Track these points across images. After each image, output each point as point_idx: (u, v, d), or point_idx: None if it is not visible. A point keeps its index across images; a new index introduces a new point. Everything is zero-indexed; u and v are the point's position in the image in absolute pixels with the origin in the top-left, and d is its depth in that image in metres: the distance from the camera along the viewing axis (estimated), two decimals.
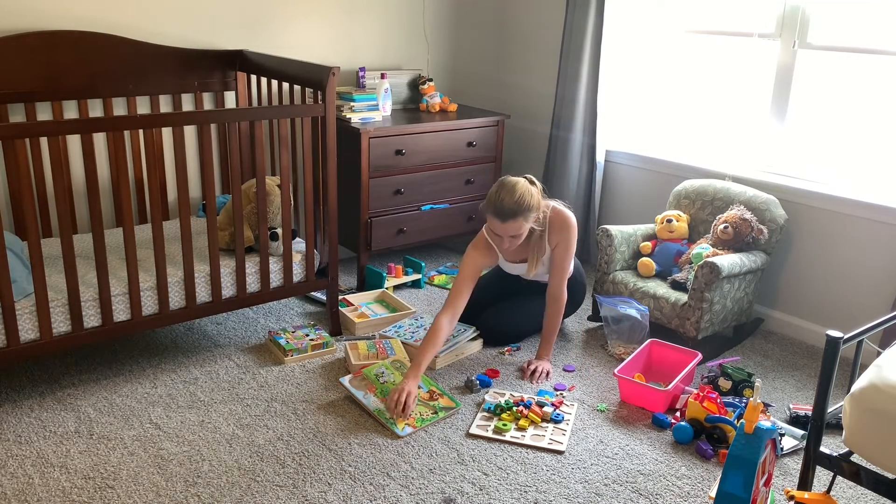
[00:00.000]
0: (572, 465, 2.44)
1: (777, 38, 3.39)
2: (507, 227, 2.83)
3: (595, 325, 3.47)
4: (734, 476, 1.86)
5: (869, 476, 1.93)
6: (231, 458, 2.40)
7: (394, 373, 2.81)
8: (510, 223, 2.82)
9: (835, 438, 2.58)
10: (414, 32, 4.19)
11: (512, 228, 2.84)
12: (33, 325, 2.53)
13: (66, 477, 2.28)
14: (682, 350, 2.95)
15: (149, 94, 3.29)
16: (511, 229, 2.84)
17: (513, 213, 2.80)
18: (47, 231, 3.14)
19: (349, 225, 3.71)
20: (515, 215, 2.81)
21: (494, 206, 2.82)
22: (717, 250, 3.18)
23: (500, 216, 2.82)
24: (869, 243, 3.14)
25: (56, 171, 2.45)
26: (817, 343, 3.31)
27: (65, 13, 3.08)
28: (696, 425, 2.58)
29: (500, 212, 2.81)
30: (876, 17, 3.12)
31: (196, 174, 3.55)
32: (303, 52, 3.75)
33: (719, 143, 3.72)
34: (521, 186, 2.84)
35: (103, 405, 2.66)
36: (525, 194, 2.83)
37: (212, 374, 2.90)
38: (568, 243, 3.00)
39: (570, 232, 2.99)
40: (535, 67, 4.31)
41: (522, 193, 2.82)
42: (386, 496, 2.25)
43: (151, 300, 2.76)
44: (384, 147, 3.60)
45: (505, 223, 2.82)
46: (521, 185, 2.84)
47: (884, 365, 1.93)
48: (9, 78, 2.94)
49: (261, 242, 2.97)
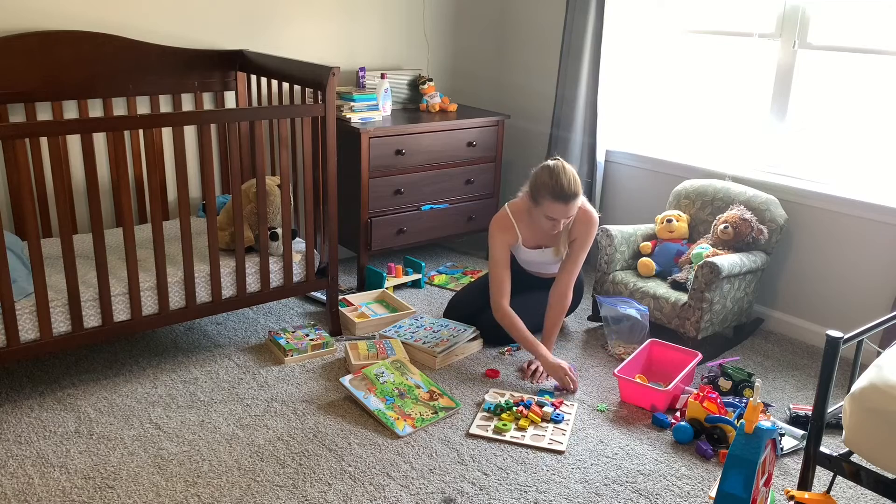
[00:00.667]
0: (572, 465, 2.44)
1: (777, 38, 3.39)
2: (570, 209, 2.87)
3: (595, 325, 3.47)
4: (734, 476, 1.86)
5: (869, 476, 1.93)
6: (231, 458, 2.40)
7: (394, 373, 2.81)
8: (573, 204, 2.87)
9: (835, 438, 2.58)
10: (414, 32, 4.19)
11: (574, 209, 2.89)
12: (33, 325, 2.53)
13: (66, 477, 2.28)
14: (682, 350, 2.95)
15: (149, 94, 3.29)
16: (573, 210, 2.89)
17: (575, 194, 2.85)
18: (47, 231, 3.14)
19: (349, 225, 3.71)
20: (577, 195, 2.87)
21: (555, 190, 2.84)
22: (717, 250, 3.18)
23: (564, 198, 2.84)
24: (869, 243, 3.14)
25: (56, 171, 2.45)
26: (817, 343, 3.31)
27: (65, 13, 3.08)
28: (696, 425, 2.58)
29: (564, 195, 2.83)
30: (876, 17, 3.12)
31: (196, 174, 3.55)
32: (303, 52, 3.75)
33: (719, 143, 3.72)
34: (570, 169, 2.90)
35: (103, 405, 2.66)
36: (576, 175, 2.90)
37: (212, 374, 2.90)
38: (586, 239, 3.04)
39: (592, 228, 3.04)
40: (535, 67, 4.31)
41: (575, 175, 2.89)
42: (386, 496, 2.25)
43: (151, 300, 2.76)
44: (384, 147, 3.60)
45: (568, 204, 2.86)
46: (570, 168, 2.91)
47: (884, 365, 1.93)
48: (9, 78, 2.94)
49: (261, 242, 2.97)
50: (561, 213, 2.88)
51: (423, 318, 3.31)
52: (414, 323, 3.27)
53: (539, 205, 2.91)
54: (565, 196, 2.84)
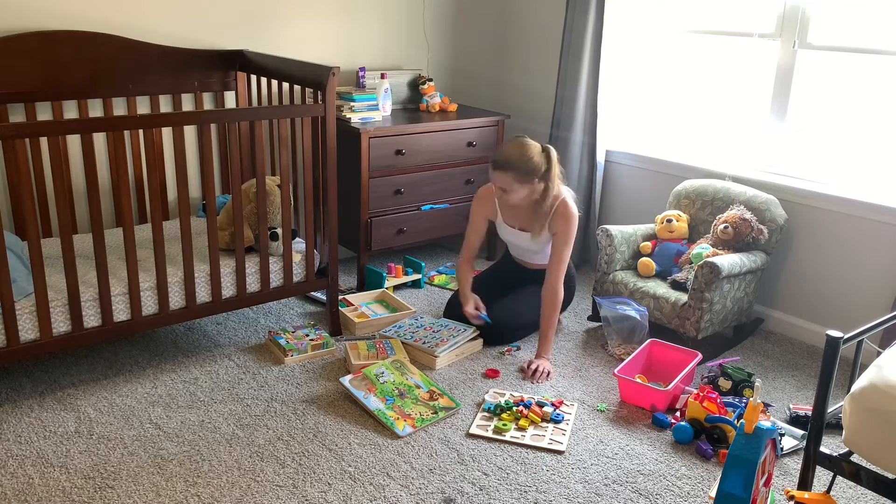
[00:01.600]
0: (572, 465, 2.44)
1: (777, 38, 3.39)
2: (496, 177, 2.98)
3: (595, 325, 3.46)
4: (734, 476, 1.86)
5: (869, 476, 1.93)
6: (231, 458, 2.40)
7: (394, 373, 2.81)
8: (498, 174, 2.96)
9: (835, 438, 2.58)
10: (414, 32, 4.19)
11: (500, 180, 2.97)
12: (33, 325, 2.53)
13: (66, 477, 2.28)
14: (682, 350, 2.95)
15: (149, 94, 3.29)
16: (499, 180, 2.98)
17: (502, 165, 2.95)
18: (47, 231, 3.14)
19: (349, 225, 3.71)
20: (505, 168, 2.94)
21: (494, 154, 3.03)
22: (717, 250, 3.18)
23: (493, 164, 2.99)
24: (869, 243, 3.14)
25: (56, 171, 2.45)
26: (817, 343, 3.31)
27: (65, 13, 3.08)
28: (696, 425, 2.58)
29: (494, 160, 2.99)
30: (876, 18, 3.12)
31: (196, 174, 3.55)
32: (303, 52, 3.75)
33: (719, 143, 3.72)
34: (527, 148, 2.97)
35: (103, 405, 2.66)
36: (525, 156, 2.95)
37: (212, 374, 2.90)
38: (567, 236, 3.08)
39: (571, 225, 3.07)
40: (535, 67, 4.31)
41: (524, 154, 2.95)
42: (386, 496, 2.25)
43: (151, 300, 2.76)
44: (384, 147, 3.60)
45: (494, 171, 2.98)
46: (528, 147, 2.98)
47: (884, 365, 1.93)
48: (9, 78, 2.94)
49: (261, 242, 2.97)
50: (495, 181, 3.00)
51: (423, 318, 3.31)
52: (414, 323, 3.27)
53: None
54: (494, 162, 2.98)
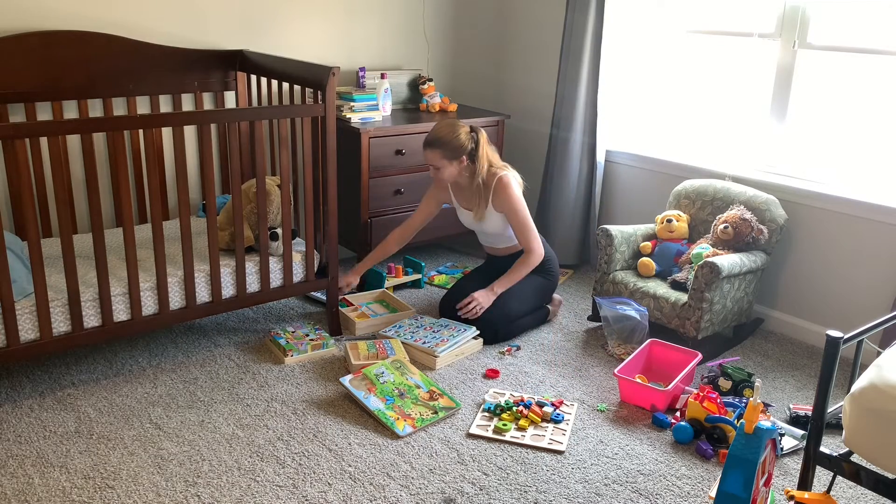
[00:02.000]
0: (572, 465, 2.44)
1: (777, 38, 3.39)
2: (427, 155, 3.20)
3: (595, 325, 3.47)
4: (734, 476, 1.86)
5: (869, 476, 1.93)
6: (231, 458, 2.40)
7: (394, 373, 2.81)
8: (427, 151, 3.19)
9: (835, 438, 2.58)
10: (414, 32, 4.19)
11: (430, 157, 3.19)
12: (33, 325, 2.53)
13: (66, 477, 2.28)
14: (682, 350, 2.94)
15: (149, 94, 3.29)
16: (429, 158, 3.20)
17: (431, 143, 3.17)
18: (47, 231, 3.14)
19: (349, 225, 3.71)
20: (433, 146, 3.16)
21: (426, 135, 3.22)
22: (717, 250, 3.18)
23: (424, 143, 3.20)
24: (869, 243, 3.14)
25: (56, 171, 2.45)
26: (817, 343, 3.31)
27: (65, 13, 3.08)
28: (696, 425, 2.58)
29: (425, 139, 3.21)
30: (876, 18, 3.12)
31: (196, 174, 3.55)
32: (303, 52, 3.75)
33: (719, 143, 3.72)
34: (455, 127, 3.19)
35: (103, 405, 2.66)
36: (450, 134, 3.16)
37: (212, 374, 2.90)
38: (512, 204, 3.22)
39: (509, 194, 3.21)
40: (535, 67, 4.31)
41: (451, 132, 3.16)
42: (386, 496, 2.25)
43: (151, 300, 2.76)
44: (384, 147, 3.60)
45: (425, 150, 3.20)
46: (456, 126, 3.19)
47: (884, 365, 1.93)
48: (9, 78, 2.94)
49: (261, 242, 2.97)
50: (426, 159, 3.22)
51: (422, 319, 3.31)
52: (414, 323, 3.27)
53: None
54: (424, 141, 3.20)
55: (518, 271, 3.26)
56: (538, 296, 3.37)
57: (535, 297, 3.36)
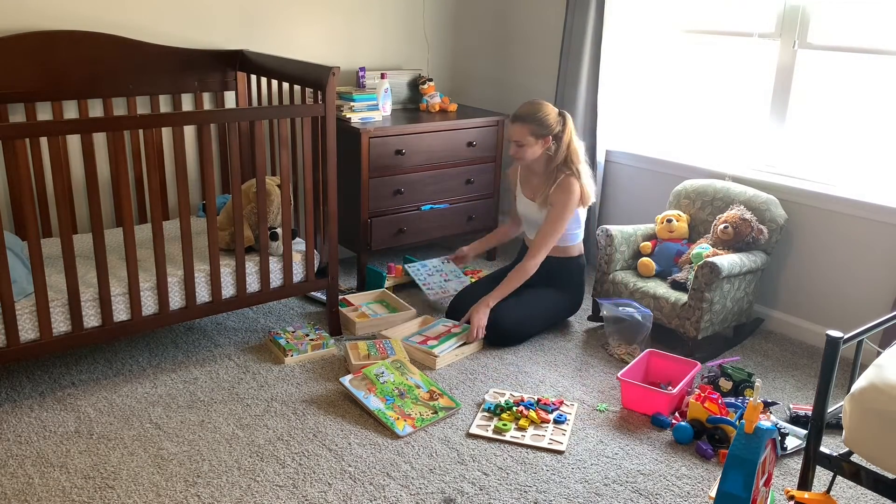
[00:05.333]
0: (572, 465, 2.44)
1: (777, 38, 3.39)
2: (514, 130, 3.18)
3: (595, 325, 3.47)
4: (734, 476, 1.86)
5: (869, 476, 1.93)
6: (231, 458, 2.40)
7: (394, 373, 2.81)
8: (516, 126, 3.17)
9: (835, 438, 2.58)
10: (414, 32, 4.19)
11: (517, 132, 3.17)
12: (33, 325, 2.53)
13: (66, 477, 2.28)
14: (680, 360, 2.91)
15: (149, 94, 3.29)
16: (516, 133, 3.18)
17: (521, 117, 3.16)
18: (47, 231, 3.14)
19: (349, 225, 3.71)
20: (523, 120, 3.15)
21: (515, 111, 3.21)
22: (717, 250, 3.18)
23: (512, 117, 3.21)
24: (869, 243, 3.14)
25: (56, 171, 2.45)
26: (817, 343, 3.31)
27: (65, 13, 3.08)
28: (697, 426, 2.58)
29: (514, 114, 3.20)
30: (876, 17, 3.12)
31: (196, 174, 3.55)
32: (303, 52, 3.75)
33: (719, 143, 3.72)
34: (545, 107, 3.19)
35: (103, 405, 2.66)
36: (542, 112, 3.16)
37: (212, 374, 2.90)
38: (559, 206, 3.20)
39: (567, 197, 3.19)
40: (535, 67, 4.31)
41: (540, 110, 3.16)
42: (386, 496, 2.25)
43: (151, 300, 2.76)
44: (384, 147, 3.60)
45: (513, 124, 3.19)
46: (546, 106, 3.19)
47: (884, 365, 1.93)
48: (9, 78, 2.94)
49: (261, 242, 2.97)
50: (512, 134, 3.20)
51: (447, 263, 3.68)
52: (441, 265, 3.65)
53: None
54: (514, 116, 3.19)
55: (512, 282, 3.22)
56: (557, 315, 3.37)
57: (555, 315, 3.36)
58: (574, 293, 3.37)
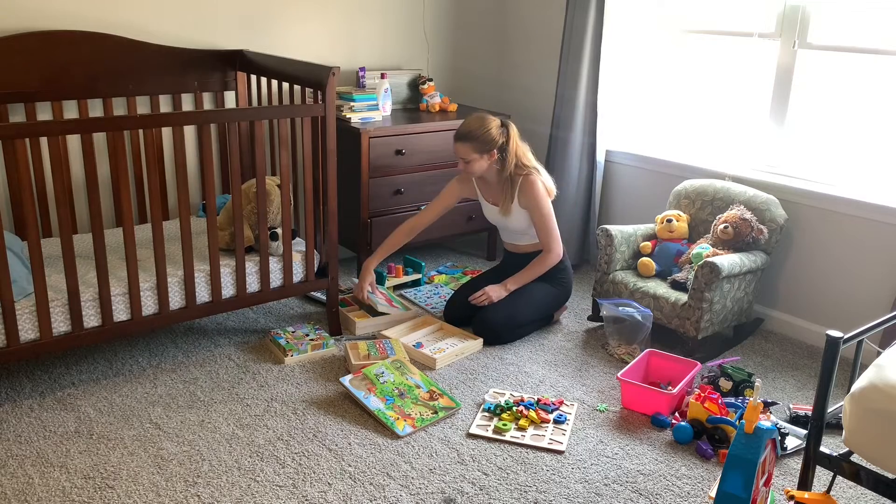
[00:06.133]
0: (572, 465, 2.44)
1: (777, 38, 3.39)
2: (457, 148, 3.22)
3: (595, 325, 3.47)
4: (734, 476, 1.86)
5: (869, 476, 1.93)
6: (231, 458, 2.40)
7: (394, 373, 2.81)
8: (458, 145, 3.21)
9: (835, 438, 2.58)
10: (414, 32, 4.19)
11: (461, 151, 3.21)
12: (33, 325, 2.53)
13: (66, 477, 2.28)
14: (680, 360, 2.91)
15: (149, 94, 3.29)
16: (460, 151, 3.21)
17: (463, 136, 3.19)
18: (47, 231, 3.14)
19: (349, 225, 3.71)
20: (464, 139, 3.18)
21: (457, 128, 3.24)
22: (717, 250, 3.18)
23: (455, 136, 3.23)
24: (869, 243, 3.14)
25: (56, 171, 2.45)
26: (817, 343, 3.31)
27: (65, 13, 3.08)
28: (697, 426, 2.58)
29: (456, 132, 3.23)
30: (876, 17, 3.12)
31: (196, 174, 3.55)
32: (303, 52, 3.75)
33: (719, 143, 3.72)
34: (487, 121, 3.21)
35: (103, 405, 2.66)
36: (482, 129, 3.18)
37: (212, 374, 2.90)
38: (536, 204, 3.24)
39: (534, 194, 3.23)
40: (535, 67, 4.31)
41: (481, 126, 3.19)
42: (386, 496, 2.25)
43: (151, 300, 2.76)
44: (384, 147, 3.60)
45: (456, 143, 3.22)
46: (487, 120, 3.21)
47: (884, 365, 1.93)
48: (9, 78, 2.94)
49: (261, 242, 2.97)
50: (456, 151, 3.23)
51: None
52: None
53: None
54: (456, 134, 3.22)
55: (533, 270, 3.28)
56: (548, 305, 3.36)
57: (545, 306, 3.35)
58: (561, 282, 3.37)
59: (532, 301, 3.27)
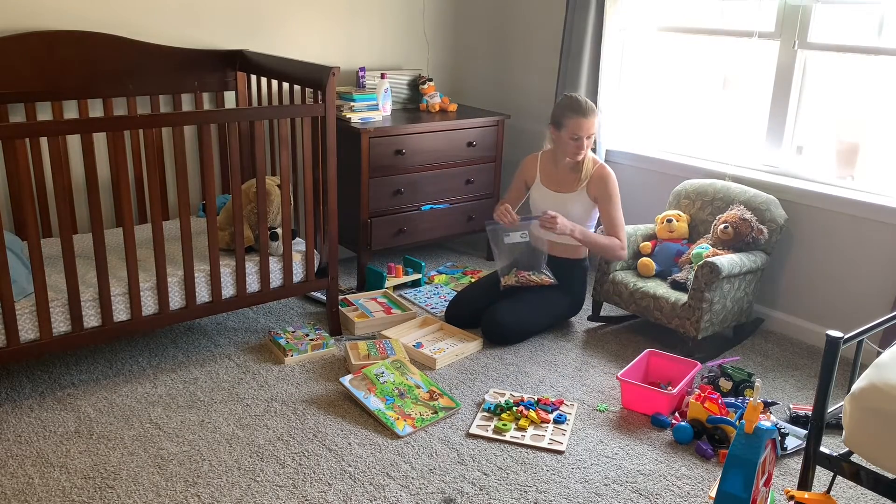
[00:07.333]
0: (572, 465, 2.44)
1: (777, 38, 3.39)
2: (589, 124, 3.14)
3: (595, 325, 3.47)
4: (734, 476, 1.86)
5: (869, 476, 1.93)
6: (231, 458, 2.40)
7: (394, 373, 2.81)
8: (588, 120, 3.14)
9: (835, 438, 2.58)
10: (414, 32, 4.19)
11: (590, 126, 3.15)
12: (33, 325, 2.53)
13: (66, 477, 2.28)
14: (680, 360, 2.91)
15: (149, 94, 3.29)
16: (590, 127, 3.16)
17: (592, 110, 3.16)
18: (47, 231, 3.14)
19: (349, 225, 3.71)
20: (593, 113, 3.16)
21: (575, 106, 3.15)
22: (717, 250, 3.18)
23: (583, 112, 3.14)
24: (869, 243, 3.14)
25: (56, 171, 2.45)
26: (817, 343, 3.31)
27: (65, 13, 3.08)
28: (697, 426, 2.58)
29: (582, 109, 3.14)
30: (876, 17, 3.12)
31: (196, 174, 3.55)
32: (303, 52, 3.75)
33: (719, 143, 3.72)
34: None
35: (103, 405, 2.66)
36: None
37: (212, 374, 2.90)
38: (607, 193, 3.24)
39: (610, 181, 3.24)
40: (535, 67, 4.31)
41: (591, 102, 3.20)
42: (386, 496, 2.25)
43: (151, 300, 2.76)
44: (384, 147, 3.60)
45: (588, 118, 3.14)
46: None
47: (884, 365, 1.93)
48: (9, 78, 2.94)
49: (261, 242, 2.97)
50: (582, 128, 3.13)
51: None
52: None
53: (564, 127, 3.17)
54: (583, 110, 3.13)
55: (603, 241, 3.23)
56: (558, 315, 3.37)
57: (556, 315, 3.36)
58: (577, 294, 3.37)
59: (545, 309, 3.27)
